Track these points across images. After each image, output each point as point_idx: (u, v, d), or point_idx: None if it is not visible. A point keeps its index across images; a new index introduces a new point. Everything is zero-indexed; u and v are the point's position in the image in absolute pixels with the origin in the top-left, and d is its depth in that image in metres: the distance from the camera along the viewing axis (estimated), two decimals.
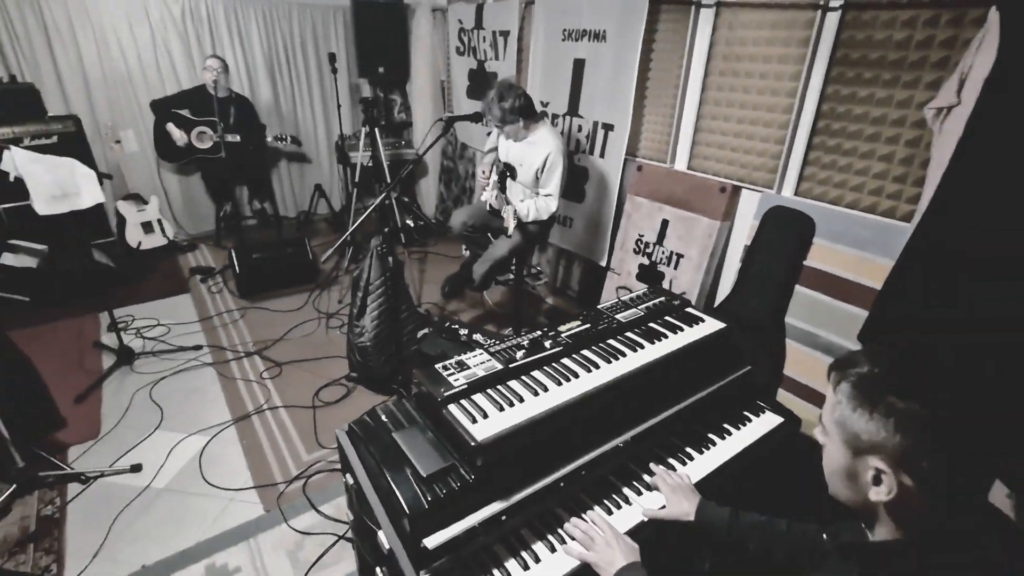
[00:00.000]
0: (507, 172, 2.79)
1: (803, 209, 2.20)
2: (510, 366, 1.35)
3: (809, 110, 2.13)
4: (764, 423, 1.63)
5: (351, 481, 1.30)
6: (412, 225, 4.39)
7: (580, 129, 3.20)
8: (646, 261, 2.91)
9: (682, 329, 1.61)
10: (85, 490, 2.18)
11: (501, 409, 1.23)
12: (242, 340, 3.27)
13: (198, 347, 3.13)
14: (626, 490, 1.37)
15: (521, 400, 1.27)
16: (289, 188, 5.18)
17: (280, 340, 3.25)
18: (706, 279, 2.65)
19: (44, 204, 2.55)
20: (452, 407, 1.23)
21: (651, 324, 1.63)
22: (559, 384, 1.34)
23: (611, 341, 1.53)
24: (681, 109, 2.66)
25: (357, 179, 4.31)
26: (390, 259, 2.37)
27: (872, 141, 1.96)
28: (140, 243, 4.19)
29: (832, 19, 1.99)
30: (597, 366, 1.41)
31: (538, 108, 2.88)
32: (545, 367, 1.40)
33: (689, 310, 1.73)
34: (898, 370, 0.80)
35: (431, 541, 1.08)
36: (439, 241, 4.78)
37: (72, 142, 3.60)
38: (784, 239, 2.26)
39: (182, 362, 3.00)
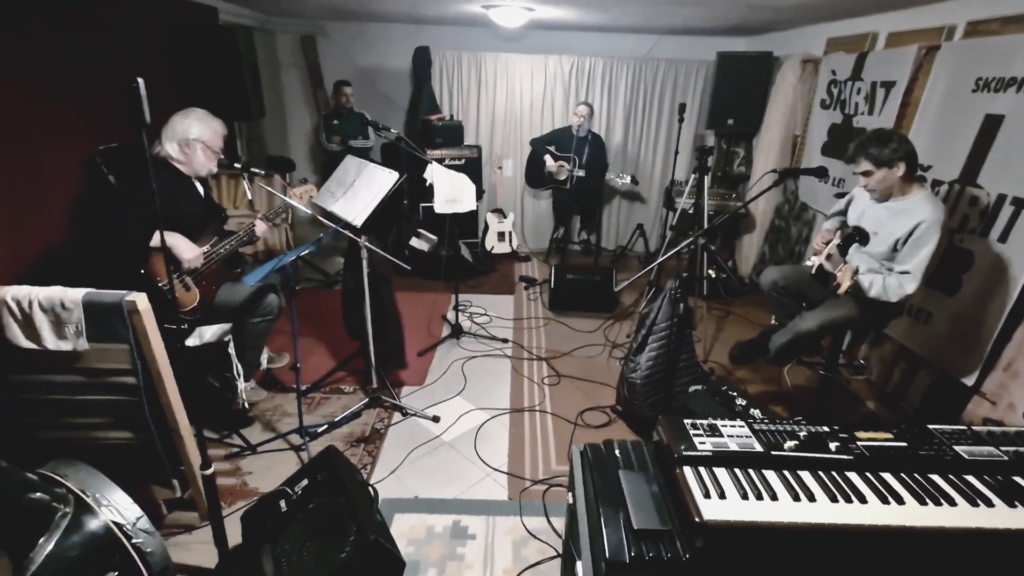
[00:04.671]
0: (855, 236, 2.33)
1: None
2: (772, 452, 1.15)
3: None
4: None
5: (571, 500, 1.33)
6: (714, 276, 4.15)
7: (974, 202, 2.46)
8: None
9: None
10: (402, 421, 2.84)
11: (745, 497, 1.06)
12: (538, 345, 3.70)
13: (505, 340, 3.69)
14: None
15: (774, 497, 1.07)
16: (615, 223, 5.64)
17: (567, 355, 3.54)
18: None
19: (441, 205, 3.45)
20: (687, 469, 1.12)
21: (1015, 477, 1.13)
22: (834, 500, 1.07)
23: (934, 476, 1.13)
24: None
25: (674, 222, 4.34)
26: (681, 305, 2.31)
27: None
28: (493, 248, 5.20)
29: None
30: (901, 501, 1.07)
31: None
32: (820, 471, 1.13)
33: None
34: None
35: None
36: (746, 303, 4.39)
37: (471, 164, 4.78)
38: None
39: (491, 349, 3.60)
